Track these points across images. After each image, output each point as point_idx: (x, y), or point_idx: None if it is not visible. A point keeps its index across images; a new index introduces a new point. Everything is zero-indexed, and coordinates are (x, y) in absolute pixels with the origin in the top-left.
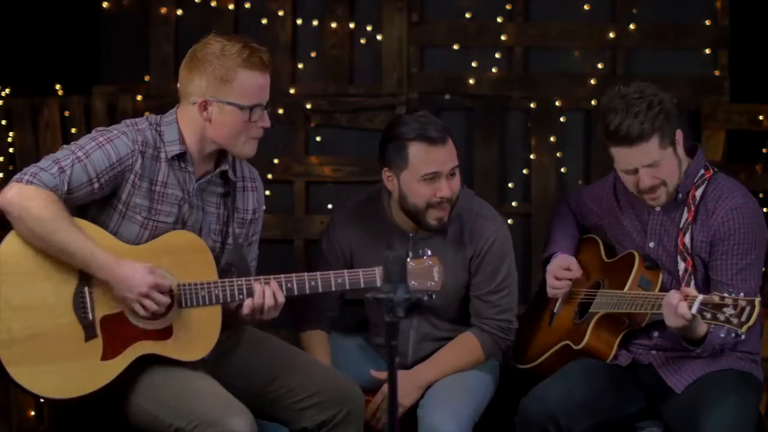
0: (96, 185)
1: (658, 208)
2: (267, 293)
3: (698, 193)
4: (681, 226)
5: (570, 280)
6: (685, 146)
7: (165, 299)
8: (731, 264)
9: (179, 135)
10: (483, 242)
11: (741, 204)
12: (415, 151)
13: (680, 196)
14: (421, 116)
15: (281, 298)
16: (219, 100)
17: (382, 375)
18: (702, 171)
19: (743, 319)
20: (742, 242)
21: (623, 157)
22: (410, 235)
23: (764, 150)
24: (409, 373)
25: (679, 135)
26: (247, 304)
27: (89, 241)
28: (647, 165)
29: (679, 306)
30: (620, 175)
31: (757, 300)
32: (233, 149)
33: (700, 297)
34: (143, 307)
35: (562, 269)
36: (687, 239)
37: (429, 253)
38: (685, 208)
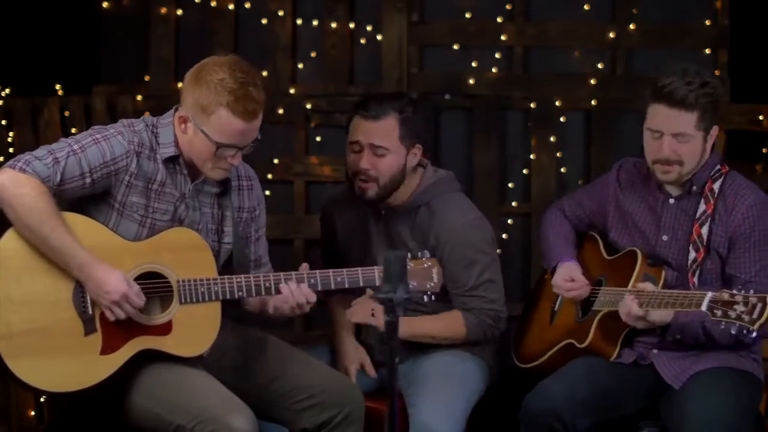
0: (88, 180)
1: (672, 200)
2: (297, 294)
3: (716, 186)
4: (697, 217)
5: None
6: None
7: (132, 311)
8: (754, 261)
9: (174, 138)
10: (447, 235)
11: (761, 200)
12: (353, 121)
13: (695, 188)
14: (381, 94)
15: (313, 299)
16: (195, 123)
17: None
18: (718, 166)
19: (755, 316)
20: (765, 238)
21: (658, 114)
22: (382, 212)
23: (764, 150)
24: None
25: (714, 131)
26: (275, 303)
27: (73, 239)
28: (675, 134)
29: (631, 307)
30: (645, 135)
31: None
32: (201, 170)
33: (710, 294)
34: (111, 312)
35: (566, 281)
36: (704, 231)
37: (428, 254)
38: (702, 200)
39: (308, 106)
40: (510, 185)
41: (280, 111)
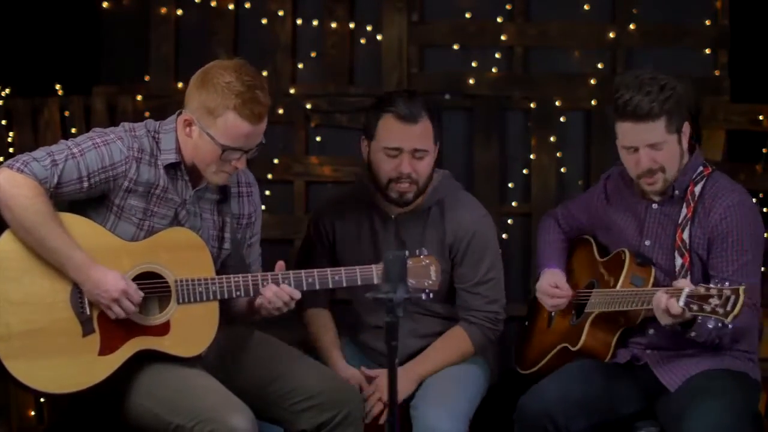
0: (85, 184)
1: (655, 205)
2: (281, 294)
3: (697, 189)
4: (679, 221)
5: (562, 297)
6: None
7: (132, 308)
8: (732, 261)
9: (176, 144)
10: (463, 231)
11: (739, 201)
12: (384, 123)
13: (677, 192)
14: (403, 92)
15: (297, 295)
16: (201, 126)
17: (373, 373)
18: (700, 168)
19: (728, 308)
20: (741, 239)
21: (627, 132)
22: (392, 216)
23: (764, 150)
24: (401, 368)
25: (686, 127)
26: (260, 302)
27: (69, 240)
28: (649, 144)
29: (670, 305)
30: (621, 154)
31: (742, 288)
32: (203, 174)
33: (686, 290)
34: (111, 310)
35: (550, 287)
36: (686, 235)
37: (426, 252)
38: (684, 204)
39: (308, 106)
40: (510, 185)
41: (280, 111)
